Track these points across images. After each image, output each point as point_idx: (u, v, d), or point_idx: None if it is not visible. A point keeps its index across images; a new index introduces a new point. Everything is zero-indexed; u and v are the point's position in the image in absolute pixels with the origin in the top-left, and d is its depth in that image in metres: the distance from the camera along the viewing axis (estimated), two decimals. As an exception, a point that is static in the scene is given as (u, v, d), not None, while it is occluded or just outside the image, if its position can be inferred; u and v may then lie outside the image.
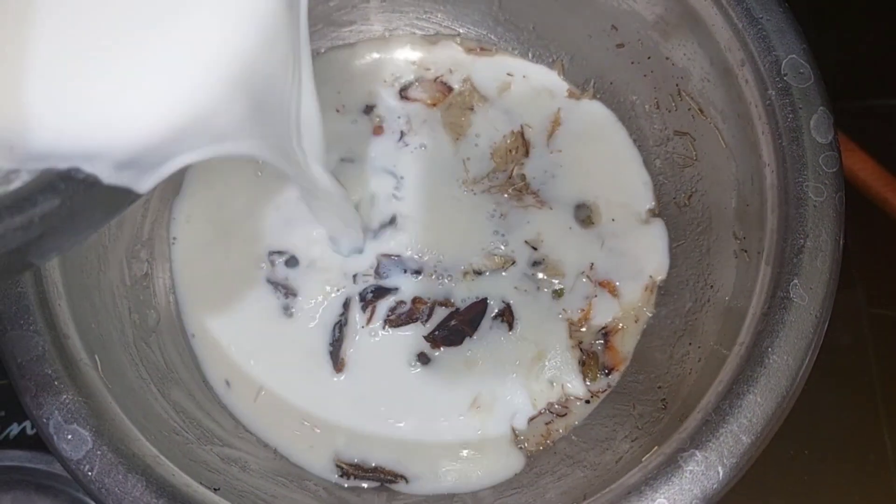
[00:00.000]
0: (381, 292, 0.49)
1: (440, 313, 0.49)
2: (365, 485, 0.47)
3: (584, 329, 0.49)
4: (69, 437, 0.35)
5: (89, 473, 0.35)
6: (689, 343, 0.46)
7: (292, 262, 0.50)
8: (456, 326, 0.49)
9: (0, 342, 0.36)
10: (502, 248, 0.50)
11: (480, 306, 0.49)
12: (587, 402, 0.48)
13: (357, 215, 0.48)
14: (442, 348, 0.48)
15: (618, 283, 0.50)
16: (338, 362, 0.48)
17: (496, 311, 0.49)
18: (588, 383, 0.49)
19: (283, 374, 0.49)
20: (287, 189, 0.51)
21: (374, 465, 0.47)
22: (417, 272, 0.50)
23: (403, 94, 0.54)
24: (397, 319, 0.49)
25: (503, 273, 0.50)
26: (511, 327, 0.49)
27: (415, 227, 0.50)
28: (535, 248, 0.50)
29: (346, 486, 0.47)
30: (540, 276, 0.50)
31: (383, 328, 0.49)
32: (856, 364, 0.58)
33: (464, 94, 0.53)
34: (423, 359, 0.48)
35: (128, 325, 0.45)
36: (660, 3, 0.46)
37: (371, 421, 0.48)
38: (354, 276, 0.50)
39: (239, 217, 0.51)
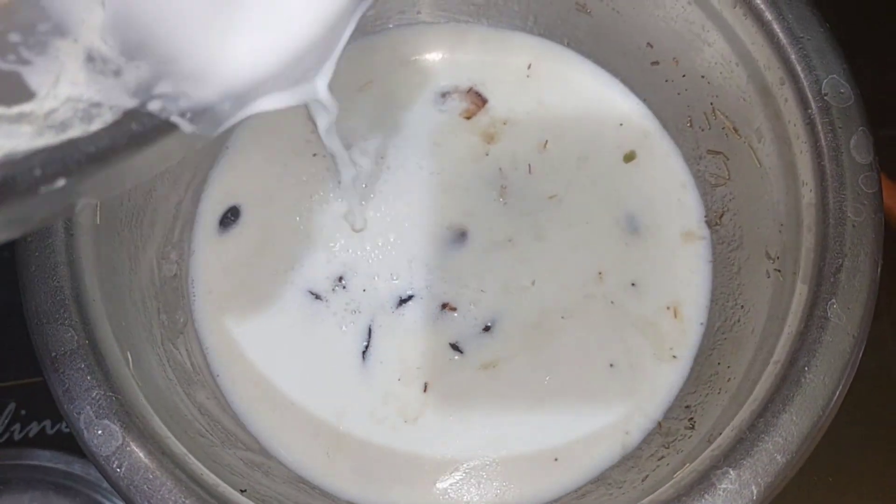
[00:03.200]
0: (410, 297, 0.49)
1: (469, 321, 0.49)
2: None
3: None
4: (99, 432, 0.35)
5: (118, 470, 0.35)
6: (718, 363, 0.46)
7: (325, 268, 0.50)
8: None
9: (35, 335, 0.37)
10: (538, 262, 0.50)
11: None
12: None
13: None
14: (464, 353, 0.48)
15: (656, 300, 0.49)
16: (365, 369, 0.48)
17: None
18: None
19: (307, 383, 0.48)
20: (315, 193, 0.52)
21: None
22: (449, 280, 0.50)
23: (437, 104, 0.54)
24: (425, 325, 0.49)
25: (538, 285, 0.50)
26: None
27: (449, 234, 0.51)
28: (568, 261, 0.50)
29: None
30: (571, 289, 0.50)
31: (411, 333, 0.49)
32: (881, 393, 0.58)
33: (496, 120, 0.54)
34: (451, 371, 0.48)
35: (156, 326, 0.45)
36: (697, 21, 0.46)
37: (393, 434, 0.48)
38: (385, 281, 0.50)
39: (268, 222, 0.52)
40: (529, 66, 0.54)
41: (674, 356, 0.48)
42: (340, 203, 0.52)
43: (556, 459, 0.46)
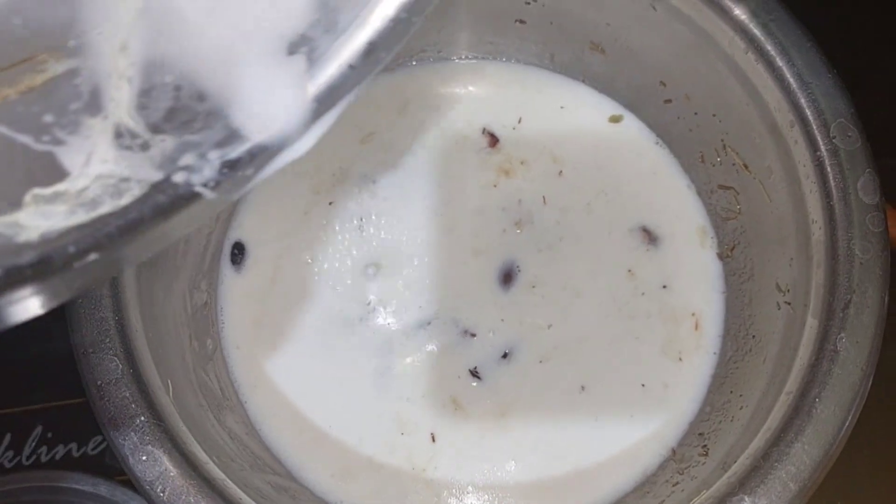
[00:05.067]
0: (429, 324, 0.51)
1: (487, 349, 0.50)
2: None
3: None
4: (143, 458, 0.36)
5: (161, 495, 0.36)
6: (731, 391, 0.47)
7: (348, 298, 0.52)
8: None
9: (82, 365, 0.38)
10: (555, 293, 0.52)
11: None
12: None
13: None
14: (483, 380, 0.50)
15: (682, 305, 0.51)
16: (386, 395, 0.50)
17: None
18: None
19: (331, 408, 0.50)
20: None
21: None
22: (467, 309, 0.51)
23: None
24: (443, 352, 0.50)
25: (556, 314, 0.51)
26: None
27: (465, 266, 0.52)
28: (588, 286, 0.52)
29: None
30: (589, 315, 0.51)
31: (430, 361, 0.50)
32: (888, 418, 0.59)
33: (511, 153, 0.55)
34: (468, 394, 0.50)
35: (188, 353, 0.47)
36: (710, 63, 0.47)
37: (414, 460, 0.49)
38: (405, 310, 0.51)
39: (292, 253, 0.53)
40: (546, 103, 0.56)
41: (679, 359, 0.50)
42: (360, 232, 0.53)
43: (571, 485, 0.48)
